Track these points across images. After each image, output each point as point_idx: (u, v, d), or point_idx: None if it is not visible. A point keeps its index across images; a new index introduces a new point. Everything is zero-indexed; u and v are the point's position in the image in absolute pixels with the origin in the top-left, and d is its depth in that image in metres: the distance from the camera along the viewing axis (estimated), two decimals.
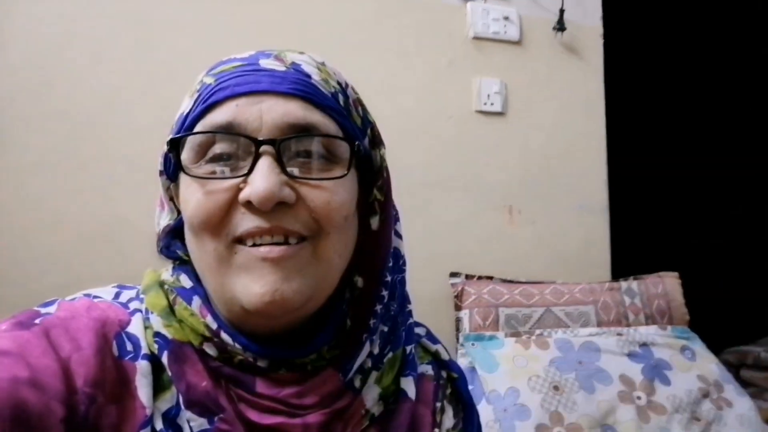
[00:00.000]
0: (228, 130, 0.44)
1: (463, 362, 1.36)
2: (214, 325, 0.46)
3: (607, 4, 1.72)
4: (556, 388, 1.27)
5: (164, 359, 0.45)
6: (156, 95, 1.32)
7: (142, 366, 0.44)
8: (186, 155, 0.45)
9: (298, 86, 0.45)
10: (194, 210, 0.44)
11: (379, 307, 0.50)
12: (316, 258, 0.45)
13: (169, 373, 0.45)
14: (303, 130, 0.44)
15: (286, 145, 0.44)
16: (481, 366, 1.33)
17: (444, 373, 0.59)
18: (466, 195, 1.57)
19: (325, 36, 1.46)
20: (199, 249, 0.45)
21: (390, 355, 0.52)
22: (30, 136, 1.28)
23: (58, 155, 1.29)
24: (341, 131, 0.47)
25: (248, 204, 0.42)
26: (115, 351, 0.45)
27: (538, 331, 1.41)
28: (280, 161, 0.43)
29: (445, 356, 0.60)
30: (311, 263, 0.44)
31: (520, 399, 1.26)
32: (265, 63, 0.47)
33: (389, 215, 0.51)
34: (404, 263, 0.55)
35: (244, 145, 0.44)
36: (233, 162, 0.44)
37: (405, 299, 0.56)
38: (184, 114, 0.47)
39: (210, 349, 0.46)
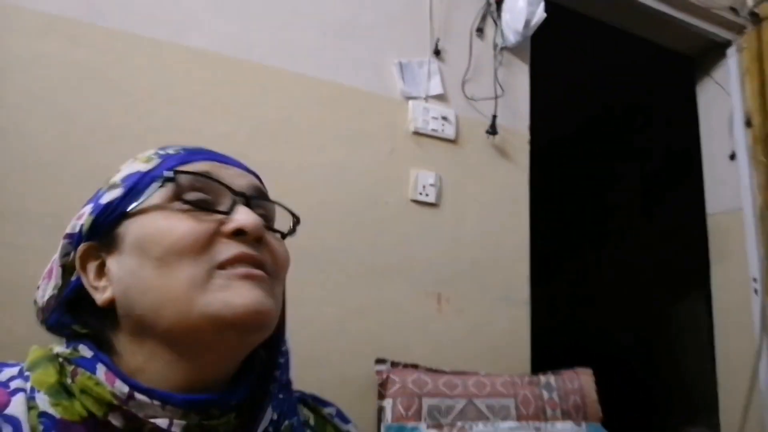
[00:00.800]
0: (210, 177, 0.51)
1: None
2: (124, 389, 0.44)
3: (534, 113, 1.89)
4: None
5: None
6: (85, 155, 1.29)
7: None
8: (160, 196, 0.50)
9: (250, 168, 0.56)
10: (181, 235, 0.47)
11: (278, 373, 0.53)
12: (274, 296, 0.49)
13: None
14: (263, 198, 0.54)
15: (255, 202, 0.52)
16: None
17: None
18: (396, 280, 1.60)
19: (278, 119, 1.50)
20: (171, 275, 0.46)
21: (286, 422, 0.53)
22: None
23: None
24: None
25: (233, 235, 0.48)
26: None
27: (459, 424, 1.42)
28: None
29: None
30: (274, 297, 0.49)
31: None
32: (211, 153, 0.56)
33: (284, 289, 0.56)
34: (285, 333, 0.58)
35: (221, 194, 0.50)
36: (209, 206, 0.50)
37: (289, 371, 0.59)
38: (143, 172, 0.52)
39: (116, 420, 0.44)
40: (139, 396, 0.44)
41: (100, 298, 0.50)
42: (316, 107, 1.58)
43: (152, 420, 0.44)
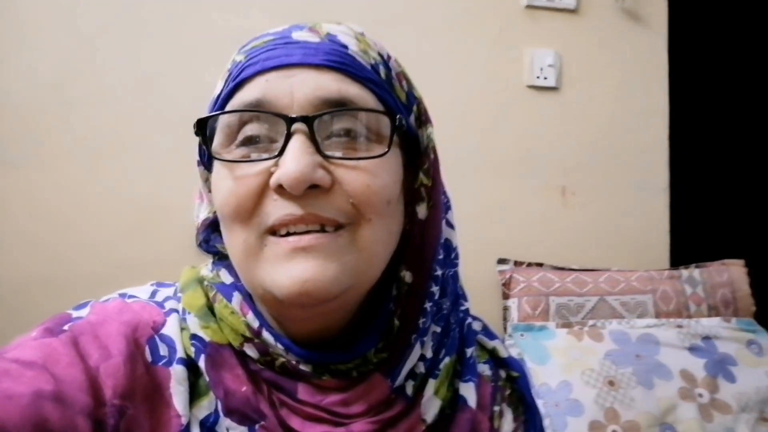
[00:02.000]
0: (257, 108, 0.41)
1: (511, 353, 1.31)
2: (255, 324, 0.43)
3: None
4: (611, 383, 1.21)
5: (201, 363, 0.43)
6: (197, 81, 1.28)
7: (177, 371, 0.42)
8: (217, 140, 0.42)
9: (332, 57, 0.41)
10: (224, 198, 0.41)
11: (429, 305, 0.45)
12: (355, 246, 0.41)
13: (207, 379, 0.42)
14: (338, 105, 0.40)
15: (320, 122, 0.40)
16: (531, 358, 1.28)
17: (503, 373, 0.53)
18: (515, 175, 1.49)
19: (364, 6, 1.38)
20: (230, 239, 0.43)
21: (446, 360, 0.48)
22: (72, 120, 1.26)
23: (99, 140, 1.27)
24: (382, 105, 0.43)
25: (280, 189, 0.39)
26: (148, 356, 0.42)
27: (591, 322, 1.35)
28: (313, 140, 0.39)
29: (503, 353, 0.54)
30: (349, 251, 0.40)
31: (572, 394, 1.21)
32: (298, 35, 0.43)
33: (438, 202, 0.46)
34: (456, 256, 0.50)
35: (275, 124, 0.40)
36: (265, 144, 0.41)
37: (459, 296, 0.51)
38: (216, 96, 0.45)
39: (251, 351, 0.44)
40: (265, 334, 0.43)
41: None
42: None
43: (281, 358, 0.43)
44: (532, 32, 1.50)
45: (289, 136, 0.39)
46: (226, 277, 0.46)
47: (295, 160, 0.38)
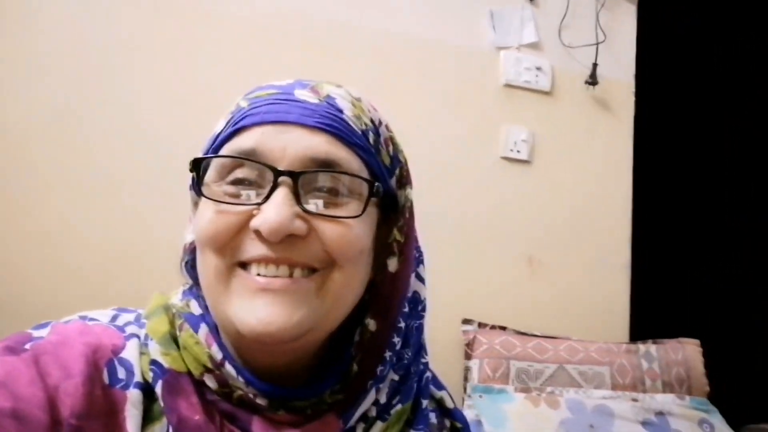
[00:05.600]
0: (250, 157, 0.43)
1: (469, 414, 1.32)
2: (218, 356, 0.45)
3: (640, 60, 1.72)
4: None
5: (158, 389, 0.43)
6: (187, 127, 1.34)
7: (133, 395, 0.43)
8: (210, 175, 0.45)
9: (326, 120, 0.45)
10: (204, 225, 0.44)
11: (389, 354, 0.48)
12: (323, 291, 0.43)
13: (162, 404, 0.43)
14: (325, 166, 0.43)
15: (305, 178, 0.43)
16: (488, 420, 1.29)
17: (447, 422, 0.56)
18: (485, 241, 1.55)
19: (363, 78, 1.47)
20: (203, 264, 0.45)
21: (398, 407, 0.49)
22: (55, 152, 1.30)
23: (85, 173, 1.31)
24: (366, 169, 0.46)
25: (258, 233, 0.42)
26: (106, 378, 0.43)
27: (549, 389, 1.37)
28: (296, 193, 0.42)
29: (449, 404, 0.57)
30: (317, 297, 0.43)
31: None
32: (300, 94, 0.46)
33: (409, 257, 0.49)
34: (423, 309, 0.52)
35: (264, 173, 0.43)
36: (254, 187, 0.44)
37: (421, 348, 0.53)
38: (216, 134, 0.48)
39: (210, 382, 0.45)
40: (228, 366, 0.44)
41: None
42: (402, 64, 1.54)
43: (239, 390, 0.45)
44: (508, 109, 1.61)
45: (275, 186, 0.42)
46: (196, 309, 0.48)
47: (276, 209, 0.41)
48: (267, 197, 0.42)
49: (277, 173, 0.42)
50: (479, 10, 1.61)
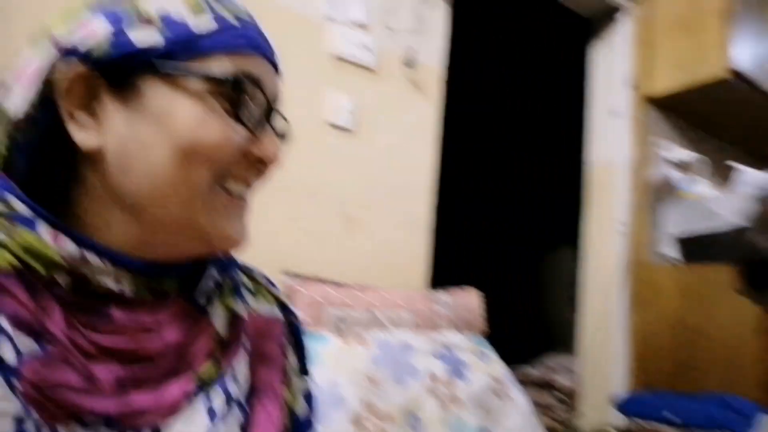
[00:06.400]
0: (259, 86, 0.48)
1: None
2: (72, 249, 0.42)
3: (450, 52, 1.98)
4: (372, 380, 1.39)
5: None
6: None
7: None
8: (198, 81, 0.45)
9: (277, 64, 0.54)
10: (218, 143, 0.45)
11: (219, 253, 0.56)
12: None
13: None
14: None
15: (278, 114, 0.53)
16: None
17: (288, 317, 0.64)
18: (307, 199, 1.65)
19: None
20: (181, 171, 0.44)
21: (226, 280, 0.56)
22: None
23: None
24: None
25: (260, 159, 0.49)
26: None
27: (360, 331, 1.52)
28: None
29: (287, 301, 0.65)
30: None
31: (338, 390, 1.35)
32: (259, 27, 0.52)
33: None
34: None
35: (256, 99, 0.48)
36: (244, 116, 0.47)
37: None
38: (192, 30, 0.44)
39: (61, 279, 0.43)
40: (89, 255, 0.43)
41: (83, 139, 0.44)
42: None
43: (100, 278, 0.43)
44: (336, 80, 1.72)
45: (267, 118, 0.50)
46: (21, 207, 0.42)
47: (275, 144, 0.50)
48: (263, 125, 0.49)
49: (272, 107, 0.50)
50: None
